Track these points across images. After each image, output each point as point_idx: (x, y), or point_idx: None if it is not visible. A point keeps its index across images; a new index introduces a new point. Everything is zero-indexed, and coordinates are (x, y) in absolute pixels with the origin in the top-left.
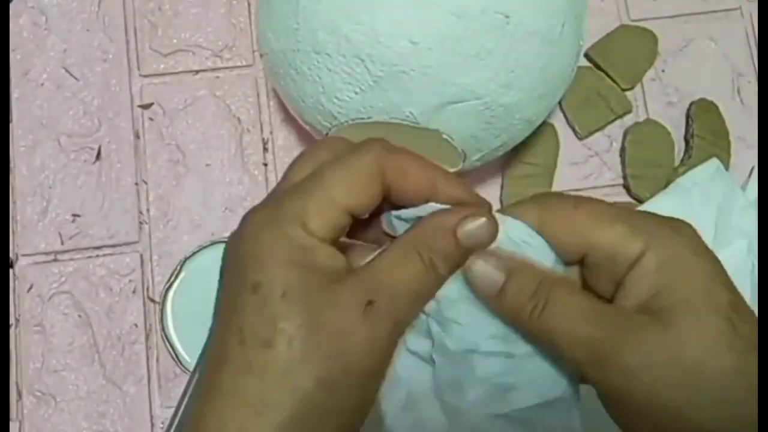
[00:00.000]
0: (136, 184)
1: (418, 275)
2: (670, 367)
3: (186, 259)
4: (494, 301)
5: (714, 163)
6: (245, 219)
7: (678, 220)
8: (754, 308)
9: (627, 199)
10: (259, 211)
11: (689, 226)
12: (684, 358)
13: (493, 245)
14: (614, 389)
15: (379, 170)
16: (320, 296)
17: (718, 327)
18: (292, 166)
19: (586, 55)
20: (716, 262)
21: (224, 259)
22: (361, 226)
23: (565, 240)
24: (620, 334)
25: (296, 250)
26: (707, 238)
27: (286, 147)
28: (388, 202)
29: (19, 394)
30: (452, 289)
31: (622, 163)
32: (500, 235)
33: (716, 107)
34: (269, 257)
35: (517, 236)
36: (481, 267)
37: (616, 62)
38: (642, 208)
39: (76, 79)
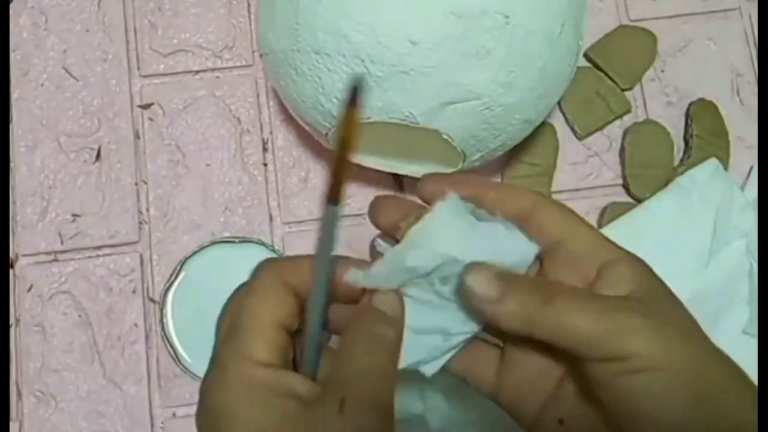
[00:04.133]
0: (136, 184)
1: (372, 357)
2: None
3: (186, 259)
4: (493, 307)
5: (713, 162)
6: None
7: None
8: (754, 307)
9: (627, 198)
10: (210, 376)
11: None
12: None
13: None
14: (619, 386)
15: (282, 283)
16: (297, 425)
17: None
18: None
19: (586, 56)
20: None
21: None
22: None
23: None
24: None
25: (257, 391)
26: (706, 237)
27: (286, 147)
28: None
29: (19, 394)
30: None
31: (622, 163)
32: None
33: (715, 107)
34: (237, 413)
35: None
36: (480, 282)
37: (615, 62)
38: (641, 207)
39: (75, 79)
